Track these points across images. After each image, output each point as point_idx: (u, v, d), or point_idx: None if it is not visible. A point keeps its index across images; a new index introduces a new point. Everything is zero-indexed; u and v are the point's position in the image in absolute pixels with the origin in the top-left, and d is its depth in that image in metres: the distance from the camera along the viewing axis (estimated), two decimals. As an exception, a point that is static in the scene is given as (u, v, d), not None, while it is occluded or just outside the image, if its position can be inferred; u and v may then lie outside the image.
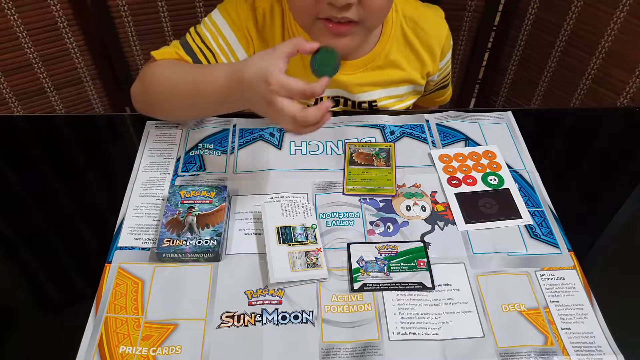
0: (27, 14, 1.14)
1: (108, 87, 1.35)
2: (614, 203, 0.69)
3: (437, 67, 0.82)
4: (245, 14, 0.72)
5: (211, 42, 0.72)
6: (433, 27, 0.80)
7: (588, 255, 0.61)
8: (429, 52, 0.80)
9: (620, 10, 1.09)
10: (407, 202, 0.66)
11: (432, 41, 0.79)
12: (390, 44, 0.76)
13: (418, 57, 0.79)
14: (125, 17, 1.22)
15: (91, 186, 0.71)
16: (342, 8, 0.62)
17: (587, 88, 1.23)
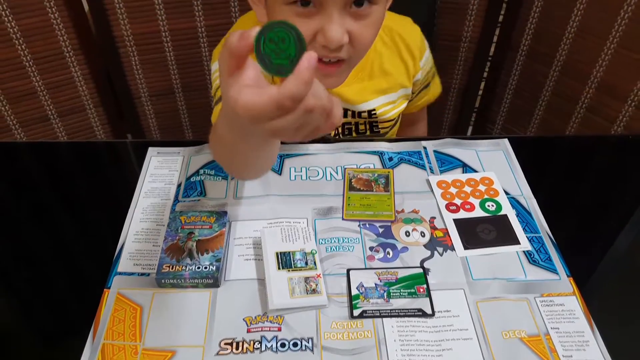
0: (35, 43, 1.17)
1: (111, 115, 1.37)
2: (610, 229, 0.70)
3: (418, 67, 0.85)
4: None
5: None
6: (407, 30, 0.83)
7: (587, 281, 0.62)
8: (409, 54, 0.83)
9: (610, 41, 1.12)
10: (406, 227, 0.67)
11: (410, 43, 0.82)
12: (374, 53, 0.79)
13: (402, 60, 0.82)
14: (129, 47, 1.25)
15: (92, 212, 0.72)
16: (335, 49, 0.63)
17: (582, 117, 1.25)
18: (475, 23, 1.28)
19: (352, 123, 0.83)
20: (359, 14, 0.62)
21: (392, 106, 0.84)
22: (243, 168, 0.63)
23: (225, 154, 0.58)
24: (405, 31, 0.82)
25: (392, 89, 0.83)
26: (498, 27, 1.29)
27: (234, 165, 0.61)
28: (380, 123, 0.85)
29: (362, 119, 0.83)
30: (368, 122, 0.84)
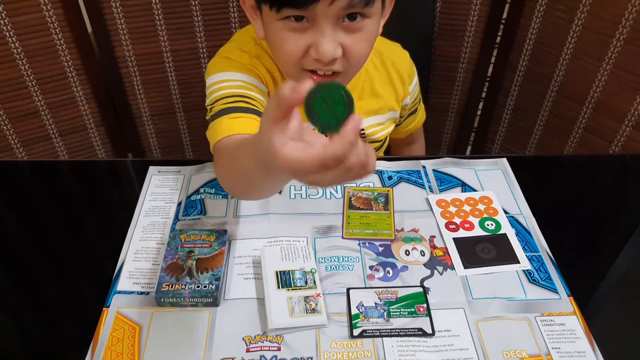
0: (38, 64, 1.18)
1: (112, 134, 1.38)
2: (610, 248, 0.70)
3: (407, 91, 0.86)
4: (244, 57, 0.74)
5: (238, 91, 0.69)
6: (397, 55, 0.84)
7: (587, 300, 0.61)
8: (399, 78, 0.84)
9: (606, 62, 1.14)
10: (406, 246, 0.67)
11: (400, 67, 0.84)
12: (365, 75, 0.80)
13: (391, 83, 0.83)
14: (131, 68, 1.27)
15: (92, 231, 0.72)
16: (328, 62, 0.64)
17: (580, 136, 1.26)
18: (473, 44, 1.30)
19: None
20: (352, 28, 0.63)
21: (381, 127, 0.85)
22: (251, 193, 0.62)
23: (238, 179, 0.57)
24: (395, 56, 0.84)
25: (381, 111, 0.84)
26: (496, 48, 1.31)
27: (242, 188, 0.60)
28: (369, 143, 0.85)
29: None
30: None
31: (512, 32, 1.27)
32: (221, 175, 0.61)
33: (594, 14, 1.12)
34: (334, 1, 0.59)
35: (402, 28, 0.78)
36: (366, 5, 0.61)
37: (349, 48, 0.63)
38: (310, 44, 0.62)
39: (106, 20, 1.18)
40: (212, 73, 0.72)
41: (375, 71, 0.82)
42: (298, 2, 0.59)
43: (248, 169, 0.49)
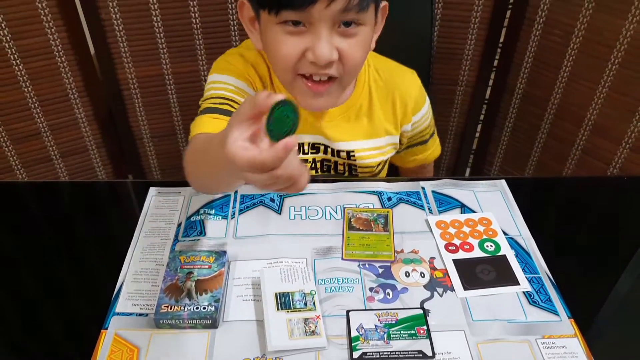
0: (41, 86, 1.20)
1: (112, 156, 1.38)
2: (610, 269, 0.70)
3: (409, 119, 0.85)
4: (240, 63, 0.77)
5: (228, 94, 0.73)
6: (406, 80, 0.84)
7: (588, 322, 0.61)
8: (401, 102, 0.83)
9: (602, 85, 1.15)
10: (406, 268, 0.67)
11: (404, 92, 0.83)
12: (363, 95, 0.81)
13: (391, 107, 0.83)
14: (133, 90, 1.28)
15: (92, 252, 0.72)
16: (324, 65, 0.65)
17: (578, 158, 1.27)
18: (471, 67, 1.32)
19: (331, 161, 0.84)
20: (348, 33, 0.65)
21: (377, 152, 0.84)
22: (210, 185, 0.66)
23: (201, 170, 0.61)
24: (402, 80, 0.84)
25: (376, 134, 0.83)
26: (493, 71, 1.33)
27: (202, 179, 0.64)
28: (360, 167, 0.84)
29: (342, 159, 0.83)
30: (347, 163, 0.84)
31: (509, 55, 1.29)
32: (187, 164, 0.64)
33: (589, 38, 1.14)
34: (331, 4, 0.61)
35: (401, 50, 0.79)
36: (361, 11, 0.63)
37: (344, 52, 0.65)
38: (306, 47, 0.64)
39: (109, 43, 1.20)
40: (211, 73, 0.77)
41: (377, 91, 0.82)
42: (296, 4, 0.61)
43: (211, 161, 0.54)
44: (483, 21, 1.24)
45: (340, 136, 0.81)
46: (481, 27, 1.25)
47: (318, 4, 0.61)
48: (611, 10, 1.08)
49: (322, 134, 0.80)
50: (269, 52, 0.70)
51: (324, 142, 0.81)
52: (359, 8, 0.63)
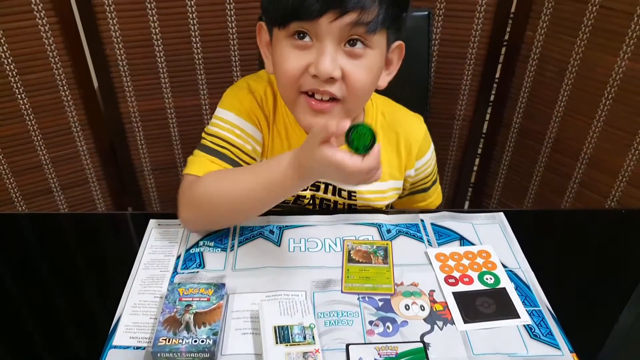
0: (44, 119, 1.22)
1: (113, 188, 1.39)
2: (611, 303, 0.69)
3: (412, 163, 0.85)
4: (247, 99, 0.77)
5: (231, 137, 0.75)
6: (410, 124, 0.85)
7: (590, 356, 0.60)
8: (405, 146, 0.83)
9: (597, 120, 1.17)
10: (406, 301, 0.66)
11: (410, 137, 0.83)
12: None
13: (396, 151, 0.83)
14: (135, 123, 1.30)
15: (90, 284, 0.71)
16: (326, 81, 0.66)
17: (575, 192, 1.28)
18: (468, 102, 1.34)
19: (330, 200, 0.83)
20: (353, 53, 0.66)
21: (380, 196, 0.84)
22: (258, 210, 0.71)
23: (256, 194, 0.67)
24: (409, 124, 0.84)
25: (382, 178, 0.81)
26: (490, 105, 1.35)
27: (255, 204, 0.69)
28: (360, 207, 0.84)
29: (342, 198, 0.83)
30: (347, 203, 0.83)
31: (505, 91, 1.32)
32: (210, 208, 0.70)
33: (582, 74, 1.17)
34: (338, 18, 0.62)
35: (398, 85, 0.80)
36: (369, 32, 0.64)
37: (348, 73, 0.66)
38: (310, 62, 0.65)
39: (112, 77, 1.22)
40: (221, 105, 0.78)
41: (382, 134, 0.82)
42: (304, 15, 0.63)
43: (260, 184, 0.65)
44: (479, 57, 1.27)
45: None
46: (477, 63, 1.28)
47: (326, 16, 0.62)
48: (603, 48, 1.11)
49: None
50: (276, 70, 0.70)
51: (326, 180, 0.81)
52: (367, 28, 0.63)
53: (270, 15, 0.68)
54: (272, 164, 0.65)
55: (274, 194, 0.66)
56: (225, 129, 0.75)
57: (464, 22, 1.23)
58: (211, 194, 0.69)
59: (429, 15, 1.02)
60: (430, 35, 1.03)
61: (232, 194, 0.68)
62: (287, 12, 0.64)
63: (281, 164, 0.63)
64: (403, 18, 0.69)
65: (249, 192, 0.67)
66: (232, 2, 1.19)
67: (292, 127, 0.78)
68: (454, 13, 1.22)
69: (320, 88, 0.66)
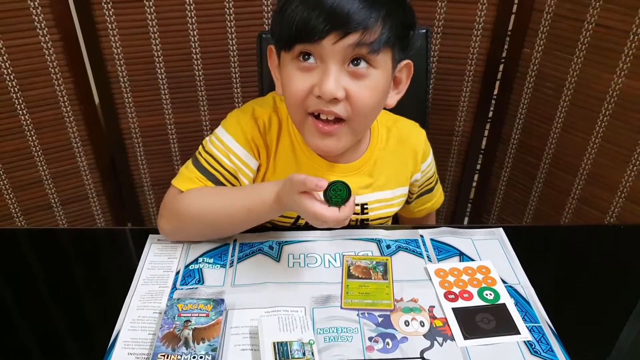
0: (45, 135, 1.22)
1: (113, 204, 1.39)
2: (611, 318, 0.69)
3: (419, 167, 0.88)
4: (249, 126, 0.78)
5: (225, 161, 0.77)
6: (412, 133, 0.87)
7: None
8: (412, 155, 0.86)
9: (595, 136, 1.18)
10: (406, 317, 0.66)
11: (414, 144, 0.86)
12: (377, 151, 0.82)
13: (402, 161, 0.85)
14: (135, 139, 1.31)
15: (89, 299, 0.71)
16: (330, 102, 0.67)
17: (574, 207, 1.28)
18: (466, 118, 1.35)
19: None
20: (357, 74, 0.67)
21: (387, 204, 0.85)
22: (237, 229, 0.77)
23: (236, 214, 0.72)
24: (411, 133, 0.86)
25: (388, 186, 0.84)
26: (488, 122, 1.36)
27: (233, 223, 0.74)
28: (371, 221, 0.85)
29: (355, 214, 0.83)
30: (359, 219, 0.85)
31: (503, 107, 1.33)
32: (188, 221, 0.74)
33: (579, 91, 1.18)
34: (341, 39, 0.63)
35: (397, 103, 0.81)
36: (372, 51, 0.65)
37: (352, 93, 0.67)
38: (314, 83, 0.66)
39: (114, 93, 1.23)
40: (223, 125, 0.79)
41: (388, 147, 0.83)
42: (307, 37, 0.64)
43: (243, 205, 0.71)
44: (477, 74, 1.28)
45: (355, 189, 0.81)
46: (475, 80, 1.29)
47: (329, 37, 0.63)
48: (599, 65, 1.13)
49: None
50: (284, 91, 0.72)
51: None
52: (370, 48, 0.64)
53: (277, 39, 0.70)
54: (257, 191, 0.71)
55: (255, 217, 0.72)
56: (221, 151, 0.77)
57: (462, 40, 1.25)
58: (193, 210, 0.73)
59: (427, 33, 1.03)
60: (429, 52, 1.05)
61: (214, 212, 0.73)
62: (292, 34, 0.65)
63: (266, 192, 0.69)
64: (409, 37, 0.70)
65: (232, 213, 0.73)
66: (233, 20, 1.21)
67: (301, 147, 0.79)
68: (452, 31, 1.24)
69: (325, 108, 0.68)
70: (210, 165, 0.77)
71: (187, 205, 0.74)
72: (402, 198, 0.88)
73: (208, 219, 0.73)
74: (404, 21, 0.68)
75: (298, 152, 0.80)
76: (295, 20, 0.64)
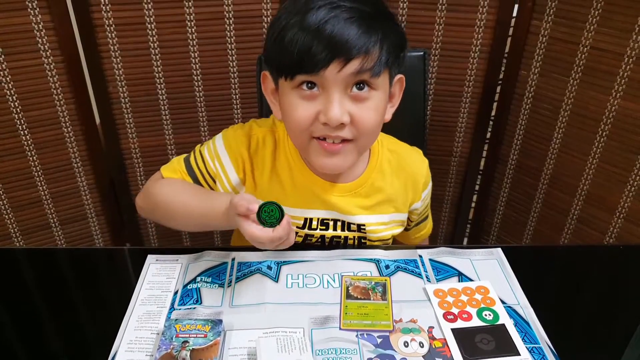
0: (46, 155, 1.23)
1: (112, 224, 1.39)
2: (611, 339, 0.68)
3: (419, 196, 0.88)
4: (240, 140, 0.80)
5: (210, 164, 0.81)
6: (415, 160, 0.87)
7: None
8: (412, 183, 0.86)
9: (592, 157, 1.19)
10: (405, 337, 0.65)
11: (415, 172, 0.86)
12: (376, 172, 0.82)
13: (403, 187, 0.85)
14: (136, 159, 1.31)
15: (86, 320, 0.71)
16: (336, 127, 0.67)
17: (573, 228, 1.28)
18: (464, 139, 1.36)
19: (341, 237, 0.84)
20: (360, 97, 0.68)
21: (384, 227, 0.85)
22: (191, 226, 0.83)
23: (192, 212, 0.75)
24: (413, 161, 0.87)
25: (386, 210, 0.85)
26: (486, 143, 1.37)
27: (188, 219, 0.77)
28: (369, 241, 0.85)
29: (352, 232, 0.84)
30: (357, 237, 0.85)
31: (501, 128, 1.34)
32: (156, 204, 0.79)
33: (576, 112, 1.19)
34: (343, 68, 0.64)
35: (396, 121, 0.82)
36: (373, 76, 0.66)
37: (356, 117, 0.68)
38: (319, 110, 0.67)
39: (114, 114, 1.25)
40: (223, 134, 0.82)
41: (390, 170, 0.84)
42: (309, 68, 0.64)
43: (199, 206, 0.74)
44: (475, 96, 1.30)
45: (352, 209, 0.82)
46: (473, 101, 1.30)
47: (330, 67, 0.64)
48: (595, 87, 1.14)
49: (334, 208, 0.81)
50: (286, 118, 0.73)
51: (336, 216, 0.82)
52: (372, 72, 0.66)
53: (276, 67, 0.70)
54: (214, 200, 0.73)
55: (208, 223, 0.74)
56: (210, 153, 0.81)
57: (459, 62, 1.26)
58: (160, 197, 0.78)
59: (425, 56, 1.05)
60: (427, 74, 1.06)
61: (176, 206, 0.77)
62: (293, 64, 0.66)
63: (218, 203, 0.71)
64: (402, 56, 0.72)
65: (190, 212, 0.75)
66: (233, 43, 1.23)
67: (297, 166, 0.80)
68: (450, 53, 1.26)
69: (331, 134, 0.69)
70: (196, 163, 0.81)
71: (158, 191, 0.79)
72: (398, 224, 0.88)
73: (170, 210, 0.77)
74: (397, 41, 0.69)
75: (295, 172, 0.80)
76: (295, 51, 0.64)
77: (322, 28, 0.63)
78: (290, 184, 0.80)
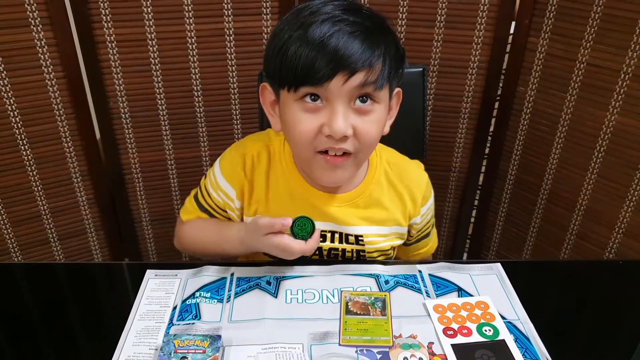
0: (46, 170, 1.23)
1: (110, 239, 1.39)
2: (611, 354, 0.68)
3: (418, 211, 0.87)
4: (236, 162, 0.81)
5: (215, 196, 0.84)
6: (414, 174, 0.87)
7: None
8: (410, 196, 0.85)
9: (590, 172, 1.19)
10: (405, 353, 0.65)
11: (414, 186, 0.85)
12: (374, 184, 0.83)
13: (401, 199, 0.85)
14: (135, 174, 1.31)
15: (85, 335, 0.70)
16: (340, 139, 0.68)
17: (573, 243, 1.28)
18: (463, 154, 1.37)
19: (339, 249, 0.84)
20: (363, 110, 0.68)
21: (383, 239, 0.85)
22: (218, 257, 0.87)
23: (213, 247, 0.85)
24: (412, 173, 0.86)
25: (385, 222, 0.84)
26: (485, 158, 1.38)
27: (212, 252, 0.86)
28: (368, 253, 0.85)
29: (350, 244, 0.84)
30: (355, 249, 0.84)
31: (499, 144, 1.35)
32: (185, 246, 0.90)
33: (574, 127, 1.20)
34: (348, 80, 0.65)
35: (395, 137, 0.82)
36: (377, 89, 0.67)
37: (359, 130, 0.69)
38: (323, 123, 0.68)
39: (115, 129, 1.25)
40: (220, 161, 0.84)
41: (388, 182, 0.84)
42: (314, 80, 0.65)
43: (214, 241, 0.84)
44: (473, 112, 1.31)
45: (350, 220, 0.82)
46: (471, 117, 1.31)
47: (335, 80, 0.65)
48: (592, 103, 1.15)
49: (331, 219, 0.81)
50: (288, 130, 0.73)
51: (333, 227, 0.82)
52: (376, 85, 0.66)
53: (278, 79, 0.70)
54: (227, 231, 0.82)
55: (227, 252, 0.83)
56: (212, 186, 0.85)
57: (457, 78, 1.28)
58: (186, 240, 0.89)
59: (424, 72, 1.06)
60: (425, 90, 1.07)
61: (200, 243, 0.87)
62: (297, 77, 0.66)
63: (230, 234, 0.81)
64: (402, 69, 0.73)
65: (211, 246, 0.85)
66: (234, 59, 1.24)
67: (294, 178, 0.81)
68: (448, 69, 1.27)
69: (335, 146, 0.69)
70: (204, 199, 0.86)
71: (182, 235, 0.89)
72: (397, 236, 0.87)
73: (198, 249, 0.88)
74: (397, 55, 0.70)
75: (292, 184, 0.81)
76: (299, 64, 0.65)
77: (327, 42, 0.64)
78: (287, 196, 0.80)
